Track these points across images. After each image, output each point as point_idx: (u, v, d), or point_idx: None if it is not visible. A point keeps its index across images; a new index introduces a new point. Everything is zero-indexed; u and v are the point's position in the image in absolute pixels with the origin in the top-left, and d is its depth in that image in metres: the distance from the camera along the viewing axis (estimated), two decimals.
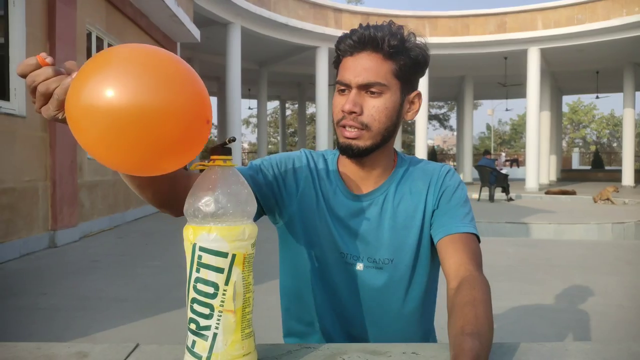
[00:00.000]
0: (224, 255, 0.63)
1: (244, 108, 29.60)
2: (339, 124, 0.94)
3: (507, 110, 25.80)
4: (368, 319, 0.99)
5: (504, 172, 12.25)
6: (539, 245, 6.14)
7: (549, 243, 6.42)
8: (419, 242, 0.97)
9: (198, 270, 0.63)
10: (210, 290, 0.63)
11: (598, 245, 6.31)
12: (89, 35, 6.67)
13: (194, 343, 0.64)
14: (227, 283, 0.63)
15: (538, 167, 15.86)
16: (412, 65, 0.93)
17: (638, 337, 2.92)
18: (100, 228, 6.65)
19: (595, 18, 14.44)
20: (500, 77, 17.89)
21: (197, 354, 0.64)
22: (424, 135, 17.57)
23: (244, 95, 21.37)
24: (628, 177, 17.52)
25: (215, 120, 20.00)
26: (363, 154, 0.94)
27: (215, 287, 0.63)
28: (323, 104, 15.34)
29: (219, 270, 0.63)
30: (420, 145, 17.30)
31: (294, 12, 14.45)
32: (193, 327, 0.64)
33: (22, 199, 4.87)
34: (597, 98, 20.73)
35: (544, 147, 18.09)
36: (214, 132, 25.08)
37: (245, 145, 41.28)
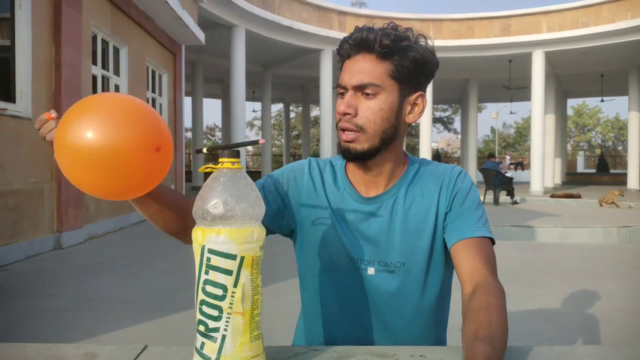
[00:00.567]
0: (233, 258, 0.63)
1: (248, 111, 29.61)
2: (338, 127, 0.95)
3: (511, 113, 25.77)
4: (380, 325, 0.98)
5: (509, 175, 12.22)
6: (544, 249, 6.12)
7: (554, 246, 6.39)
8: (432, 245, 0.96)
9: (207, 272, 0.64)
10: (219, 292, 0.63)
11: (603, 249, 6.28)
12: (95, 38, 6.71)
13: (203, 345, 0.64)
14: (235, 285, 0.63)
15: (543, 170, 15.79)
16: (410, 66, 0.91)
17: None
18: (106, 230, 6.67)
19: (600, 21, 14.40)
20: (505, 80, 17.86)
21: (205, 356, 0.64)
22: (428, 138, 17.55)
23: (248, 98, 21.39)
24: (633, 180, 17.44)
25: (220, 123, 20.00)
26: (362, 157, 0.93)
27: (224, 289, 0.63)
28: (327, 107, 15.35)
29: (228, 273, 0.63)
30: (425, 148, 17.28)
31: (298, 14, 14.48)
32: (202, 328, 0.65)
33: (28, 201, 4.90)
34: (602, 101, 20.66)
35: (549, 150, 18.03)
36: (218, 134, 25.15)
37: (250, 148, 41.32)
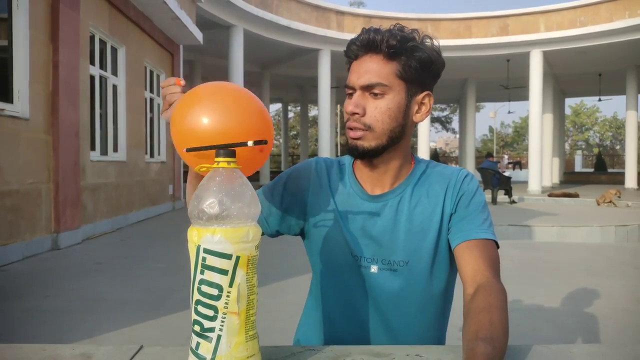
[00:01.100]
0: (228, 257, 0.63)
1: None
2: (346, 126, 0.96)
3: (509, 113, 25.82)
4: (382, 324, 0.98)
5: (507, 174, 12.23)
6: (542, 248, 6.12)
7: (552, 246, 6.40)
8: (436, 246, 0.96)
9: (202, 272, 0.64)
10: (215, 292, 0.63)
11: (601, 248, 6.29)
12: (92, 38, 6.70)
13: (198, 345, 0.64)
14: (231, 285, 0.63)
15: (541, 169, 15.82)
16: (417, 66, 0.92)
17: None
18: (103, 230, 6.66)
19: (598, 20, 14.42)
20: (503, 79, 17.88)
21: (201, 356, 0.64)
22: (427, 138, 17.58)
23: None
24: (631, 179, 17.49)
25: None
26: (369, 155, 0.94)
27: (220, 289, 0.63)
28: (325, 107, 15.35)
29: (223, 272, 0.63)
30: (423, 148, 17.30)
31: (296, 14, 14.47)
32: (197, 328, 0.64)
33: (25, 201, 4.89)
34: (599, 101, 20.69)
35: (547, 149, 18.06)
36: None
37: None
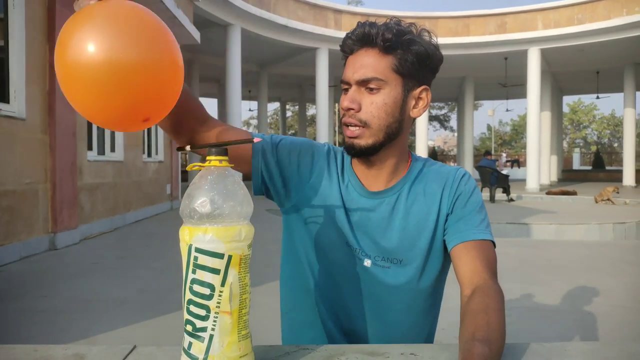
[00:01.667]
0: (220, 257, 0.63)
1: (245, 110, 29.60)
2: (342, 122, 0.94)
3: (507, 111, 25.83)
4: (371, 317, 0.98)
5: (505, 172, 12.23)
6: (540, 246, 6.13)
7: (550, 243, 6.40)
8: (431, 245, 0.96)
9: (194, 272, 0.63)
10: (207, 292, 0.63)
11: (599, 246, 6.30)
12: None
13: (190, 345, 0.64)
14: (223, 284, 0.63)
15: (539, 167, 15.84)
16: (413, 60, 0.91)
17: (639, 337, 2.91)
18: (101, 230, 6.65)
19: (596, 18, 14.42)
20: (501, 77, 17.88)
21: (193, 356, 0.63)
22: (425, 136, 17.57)
23: (245, 97, 21.36)
24: (629, 177, 17.51)
25: None
26: (366, 153, 0.93)
27: (212, 288, 0.63)
28: (323, 105, 15.33)
29: (215, 272, 0.63)
30: (421, 146, 17.30)
31: (294, 13, 14.45)
32: (189, 328, 0.64)
33: (22, 202, 4.87)
34: (597, 98, 20.71)
35: (545, 147, 18.07)
36: None
37: None
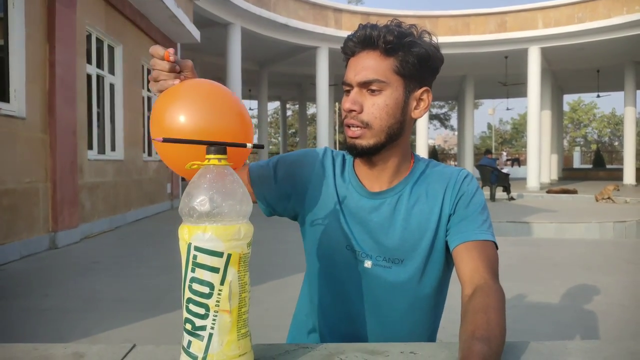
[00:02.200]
0: (219, 255, 0.63)
1: None
2: (344, 124, 0.95)
3: (508, 110, 25.84)
4: (373, 318, 0.98)
5: (505, 171, 12.23)
6: (541, 244, 6.13)
7: (551, 242, 6.40)
8: (432, 245, 0.96)
9: (193, 270, 0.63)
10: (206, 290, 0.63)
11: (599, 244, 6.30)
12: (89, 37, 6.68)
13: (190, 343, 0.64)
14: (222, 283, 0.63)
15: (539, 166, 15.84)
16: (414, 61, 0.91)
17: (639, 336, 2.91)
18: (101, 229, 6.65)
19: (596, 17, 14.41)
20: (501, 76, 17.87)
21: (192, 354, 0.63)
22: (425, 135, 17.56)
23: (245, 96, 21.37)
24: (629, 175, 17.51)
25: None
26: (368, 153, 0.93)
27: (211, 287, 0.63)
28: (324, 104, 15.32)
29: (215, 270, 0.63)
30: (421, 145, 17.29)
31: (294, 12, 14.43)
32: (189, 327, 0.64)
33: (22, 201, 4.88)
34: (598, 97, 20.70)
35: (545, 146, 18.06)
36: None
37: None
